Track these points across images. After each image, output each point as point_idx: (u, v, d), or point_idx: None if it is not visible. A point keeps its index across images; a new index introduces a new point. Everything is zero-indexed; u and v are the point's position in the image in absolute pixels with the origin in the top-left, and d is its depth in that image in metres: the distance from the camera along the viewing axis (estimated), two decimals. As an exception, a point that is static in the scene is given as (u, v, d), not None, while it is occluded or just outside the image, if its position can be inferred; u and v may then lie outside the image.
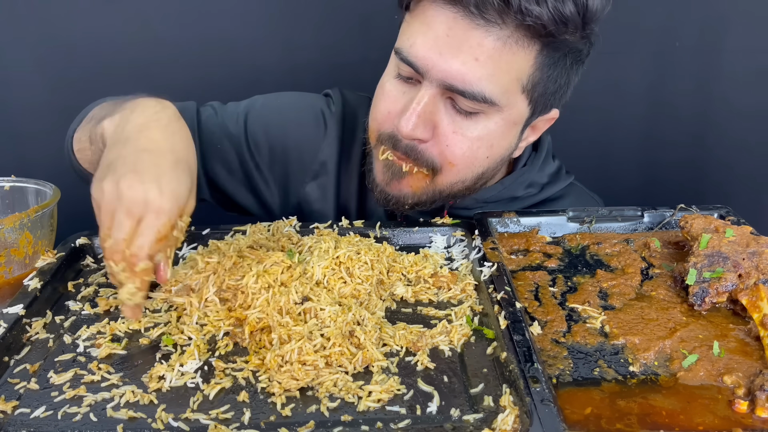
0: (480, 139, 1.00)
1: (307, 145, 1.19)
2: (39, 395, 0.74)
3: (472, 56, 0.93)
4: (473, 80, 0.93)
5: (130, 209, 0.78)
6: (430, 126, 0.98)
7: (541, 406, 0.68)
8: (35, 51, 1.50)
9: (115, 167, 0.80)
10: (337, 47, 1.58)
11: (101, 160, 0.85)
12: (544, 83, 0.99)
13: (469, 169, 1.03)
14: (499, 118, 0.99)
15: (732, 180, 1.73)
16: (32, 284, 0.90)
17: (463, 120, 0.98)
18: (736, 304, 0.86)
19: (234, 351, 0.81)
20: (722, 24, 1.59)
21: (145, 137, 0.83)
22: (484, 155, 1.02)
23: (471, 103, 0.96)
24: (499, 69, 0.94)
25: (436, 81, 0.95)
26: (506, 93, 0.97)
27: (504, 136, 1.02)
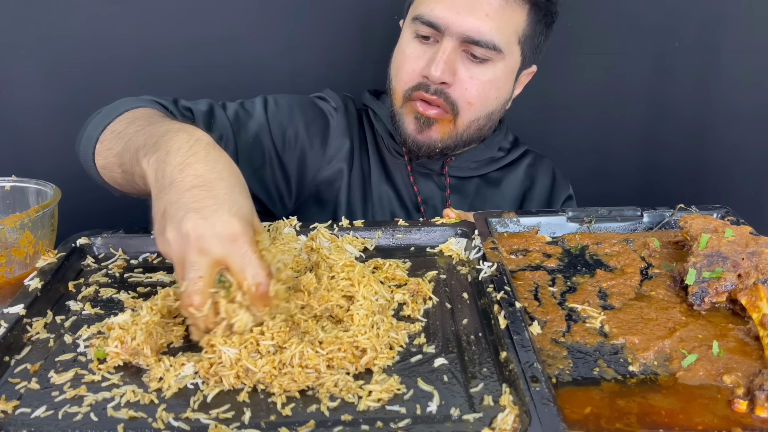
0: (490, 82, 1.22)
1: (320, 138, 1.33)
2: (39, 395, 0.74)
3: (484, 12, 1.17)
4: (486, 31, 1.18)
5: (202, 248, 0.76)
6: (452, 72, 1.20)
7: (540, 405, 0.68)
8: (35, 51, 1.50)
9: (171, 215, 0.78)
10: (337, 47, 1.58)
11: (154, 210, 0.82)
12: (532, 37, 1.25)
13: (483, 107, 1.25)
14: (502, 65, 1.23)
15: (731, 180, 1.73)
16: (33, 284, 0.90)
17: (476, 67, 1.21)
18: (736, 304, 0.86)
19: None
20: (722, 24, 1.60)
21: (189, 175, 0.81)
22: (493, 96, 1.25)
23: (483, 50, 1.19)
24: (504, 22, 1.19)
25: (456, 34, 1.18)
26: (508, 43, 1.21)
27: (506, 80, 1.26)
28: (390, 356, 0.79)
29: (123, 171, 0.99)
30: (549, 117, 1.66)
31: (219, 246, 0.76)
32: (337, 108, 1.35)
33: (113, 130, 1.04)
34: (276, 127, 1.29)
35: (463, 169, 1.37)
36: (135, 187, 0.98)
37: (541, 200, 1.41)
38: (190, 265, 0.76)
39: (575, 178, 1.48)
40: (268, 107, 1.31)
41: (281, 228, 1.03)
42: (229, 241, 0.77)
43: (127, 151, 0.96)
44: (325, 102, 1.37)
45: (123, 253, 1.03)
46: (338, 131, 1.33)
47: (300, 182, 1.32)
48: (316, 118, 1.34)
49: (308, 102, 1.36)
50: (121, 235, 1.04)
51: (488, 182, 1.40)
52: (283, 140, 1.30)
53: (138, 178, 0.92)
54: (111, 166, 1.04)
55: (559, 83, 1.61)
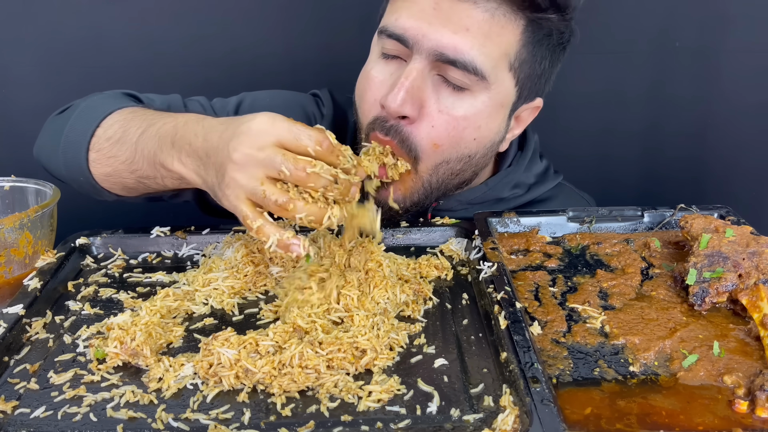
0: (466, 118, 0.98)
1: None
2: (39, 395, 0.74)
3: (463, 26, 0.93)
4: (465, 49, 0.93)
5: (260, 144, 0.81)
6: (417, 103, 0.96)
7: (541, 406, 0.68)
8: (35, 51, 1.50)
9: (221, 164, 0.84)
10: (337, 47, 1.57)
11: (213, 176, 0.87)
12: (530, 64, 0.99)
13: (454, 149, 1.00)
14: (486, 97, 0.98)
15: (732, 180, 1.73)
16: (32, 284, 0.90)
17: (450, 96, 0.97)
18: (736, 304, 0.86)
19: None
20: (722, 24, 1.59)
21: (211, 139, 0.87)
22: (471, 136, 1.00)
23: (461, 75, 0.95)
24: (489, 40, 0.94)
25: (426, 51, 0.94)
26: (495, 68, 0.96)
27: (491, 117, 1.00)
28: (390, 357, 0.79)
29: (138, 176, 0.99)
30: (549, 117, 1.65)
31: (266, 135, 0.81)
32: (324, 115, 1.20)
33: (108, 137, 1.00)
34: None
35: (456, 211, 1.13)
36: (154, 188, 1.00)
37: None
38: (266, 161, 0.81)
39: (575, 178, 1.47)
40: (240, 109, 1.20)
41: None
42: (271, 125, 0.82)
43: (141, 158, 0.96)
44: (317, 105, 1.22)
45: (122, 253, 1.03)
46: None
47: None
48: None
49: (294, 105, 1.22)
50: (120, 235, 1.04)
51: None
52: None
53: (169, 180, 0.96)
54: (119, 173, 1.01)
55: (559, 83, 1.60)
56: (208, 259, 1.00)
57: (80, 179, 1.04)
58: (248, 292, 0.93)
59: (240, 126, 0.83)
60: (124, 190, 1.04)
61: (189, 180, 0.92)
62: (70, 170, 1.04)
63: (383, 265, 0.92)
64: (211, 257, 0.99)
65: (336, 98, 1.23)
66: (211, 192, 0.90)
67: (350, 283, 0.88)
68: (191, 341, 0.83)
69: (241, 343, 0.77)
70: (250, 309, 0.90)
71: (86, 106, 1.06)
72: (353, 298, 0.85)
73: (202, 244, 1.04)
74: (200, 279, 0.93)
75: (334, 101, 1.22)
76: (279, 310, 0.88)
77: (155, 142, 0.94)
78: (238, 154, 0.82)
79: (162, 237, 1.04)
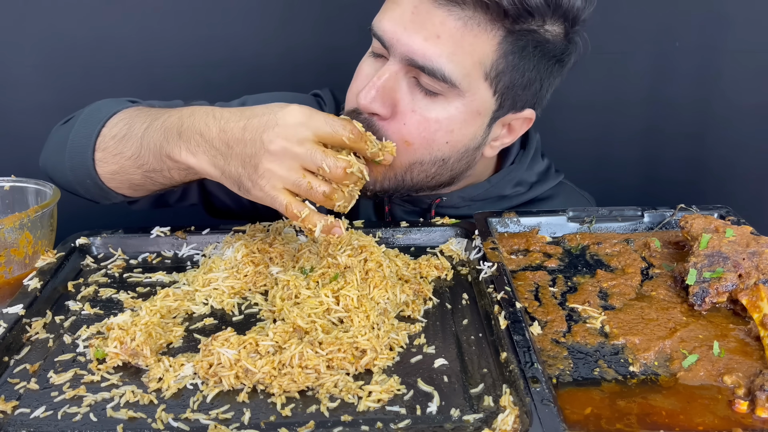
0: (438, 121, 0.99)
1: None
2: (39, 395, 0.74)
3: (434, 33, 0.94)
4: (433, 56, 0.94)
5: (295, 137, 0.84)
6: (389, 103, 0.98)
7: (541, 406, 0.68)
8: (35, 51, 1.50)
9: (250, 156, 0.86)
10: (337, 47, 1.57)
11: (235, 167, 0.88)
12: (510, 74, 0.99)
13: (426, 150, 1.01)
14: (460, 104, 0.99)
15: (732, 180, 1.73)
16: (32, 284, 0.90)
17: (423, 99, 0.98)
18: (736, 304, 0.86)
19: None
20: (722, 24, 1.59)
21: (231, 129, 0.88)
22: (443, 139, 1.01)
23: (432, 81, 0.96)
24: (461, 49, 0.95)
25: (400, 55, 0.97)
26: (467, 76, 0.96)
27: (466, 123, 1.01)
28: (390, 357, 0.79)
29: (145, 171, 0.98)
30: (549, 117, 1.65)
31: (304, 129, 0.85)
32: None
33: (113, 135, 1.01)
34: None
35: (459, 208, 1.15)
36: (161, 182, 1.00)
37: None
38: (310, 156, 0.85)
39: (575, 178, 1.47)
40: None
41: (281, 228, 1.03)
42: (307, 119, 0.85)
43: (147, 152, 0.96)
44: (318, 105, 1.23)
45: (122, 253, 1.03)
46: None
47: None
48: None
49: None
50: (120, 235, 1.04)
51: None
52: None
53: (176, 171, 0.96)
54: (126, 170, 1.00)
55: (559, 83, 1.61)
56: (208, 259, 1.00)
57: (87, 182, 1.03)
58: (248, 292, 0.93)
59: (272, 116, 0.86)
60: (131, 189, 1.04)
61: (199, 170, 0.92)
62: (76, 174, 1.04)
63: (383, 265, 0.92)
64: (211, 257, 0.99)
65: (337, 97, 1.24)
66: (230, 182, 0.90)
67: (350, 284, 0.88)
68: (191, 341, 0.83)
69: (241, 343, 0.77)
70: (250, 309, 0.90)
71: (89, 110, 1.07)
72: (353, 298, 0.85)
73: (202, 244, 1.04)
74: (200, 279, 0.93)
75: (336, 102, 1.23)
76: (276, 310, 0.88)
77: (161, 135, 0.94)
78: (275, 146, 0.84)
79: (162, 237, 1.04)
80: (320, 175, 0.87)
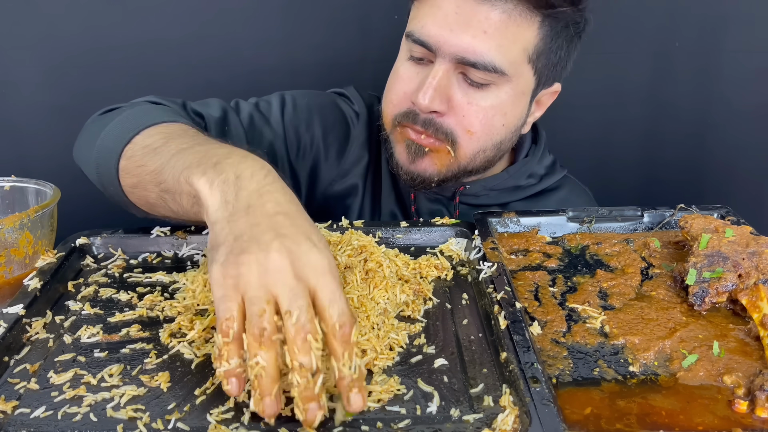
0: (493, 107, 1.07)
1: (337, 150, 1.23)
2: (39, 395, 0.74)
3: (481, 29, 1.01)
4: (483, 51, 1.01)
5: (298, 273, 0.67)
6: (445, 99, 1.05)
7: (541, 406, 0.68)
8: (35, 51, 1.50)
9: (255, 237, 0.68)
10: (337, 47, 1.58)
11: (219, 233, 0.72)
12: (547, 54, 1.07)
13: (488, 136, 1.09)
14: (508, 88, 1.06)
15: (732, 180, 1.73)
16: (32, 284, 0.90)
17: (476, 92, 1.05)
18: (736, 304, 0.86)
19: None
20: (722, 24, 1.60)
21: (270, 202, 0.73)
22: (500, 123, 1.09)
23: (482, 74, 1.03)
24: (506, 40, 1.02)
25: (449, 56, 1.02)
26: (514, 63, 1.04)
27: (515, 104, 1.09)
28: (390, 357, 0.79)
29: (161, 190, 0.87)
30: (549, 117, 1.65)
31: (313, 275, 0.68)
32: (359, 114, 1.24)
33: (145, 146, 0.91)
34: (292, 133, 1.19)
35: (479, 196, 1.21)
36: (172, 208, 0.87)
37: None
38: (291, 291, 0.66)
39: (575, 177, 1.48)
40: (285, 110, 1.20)
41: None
42: (322, 272, 0.68)
43: (170, 169, 0.83)
44: (349, 104, 1.25)
45: (122, 253, 1.03)
46: (358, 142, 1.22)
47: (309, 194, 1.22)
48: (336, 125, 1.22)
49: (330, 104, 1.24)
50: (120, 235, 1.04)
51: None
52: (298, 148, 1.19)
53: (185, 198, 0.81)
54: (144, 185, 0.90)
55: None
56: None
57: (111, 189, 0.97)
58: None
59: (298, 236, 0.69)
60: (148, 206, 0.94)
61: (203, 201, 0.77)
62: (102, 177, 0.98)
63: (383, 265, 0.92)
64: None
65: (365, 98, 1.28)
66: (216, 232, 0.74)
67: (350, 284, 0.88)
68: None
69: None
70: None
71: (131, 113, 0.99)
72: (353, 298, 0.85)
73: (203, 244, 1.04)
74: (200, 279, 0.93)
75: (363, 99, 1.27)
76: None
77: (198, 158, 0.81)
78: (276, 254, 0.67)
79: (162, 237, 1.04)
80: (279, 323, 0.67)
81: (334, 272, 0.69)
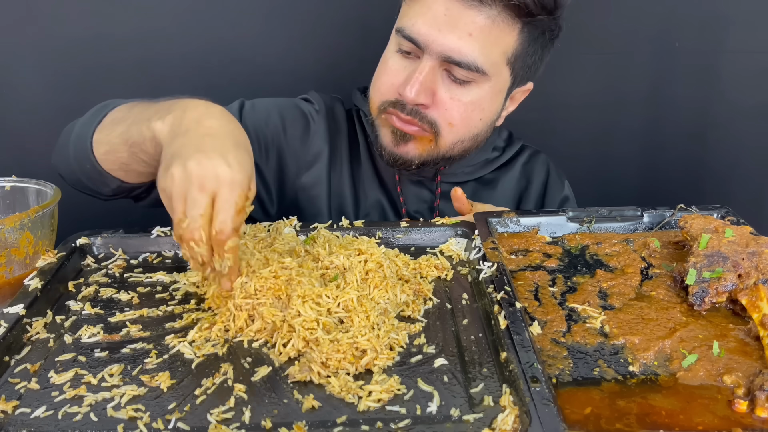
0: (473, 103, 1.15)
1: (299, 140, 1.29)
2: (39, 395, 0.74)
3: (467, 32, 1.08)
4: (467, 52, 1.09)
5: (203, 185, 0.80)
6: (430, 93, 1.12)
7: (540, 405, 0.68)
8: (35, 51, 1.50)
9: (179, 154, 0.83)
10: (337, 47, 1.58)
11: (163, 155, 0.87)
12: (523, 57, 1.16)
13: (467, 129, 1.17)
14: (487, 86, 1.14)
15: (732, 180, 1.73)
16: (33, 284, 0.90)
17: (458, 88, 1.13)
18: (736, 304, 0.86)
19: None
20: (722, 24, 1.60)
21: (203, 126, 0.87)
22: (477, 117, 1.17)
23: (465, 72, 1.11)
24: (489, 42, 1.10)
25: (436, 54, 1.09)
26: (495, 64, 1.12)
27: (492, 101, 1.18)
28: (390, 357, 0.79)
29: (129, 146, 0.98)
30: (549, 117, 1.66)
31: (215, 183, 0.80)
32: (319, 110, 1.30)
33: (113, 119, 1.03)
34: (252, 132, 1.22)
35: (457, 174, 1.31)
36: (142, 158, 0.98)
37: (535, 200, 1.37)
38: (192, 201, 0.80)
39: (575, 178, 1.48)
40: (243, 112, 1.27)
41: (281, 228, 1.03)
42: (221, 184, 0.80)
43: (135, 126, 0.96)
44: (309, 104, 1.32)
45: (123, 253, 1.03)
46: (318, 135, 1.28)
47: (280, 188, 1.28)
48: (296, 121, 1.29)
49: (288, 104, 1.31)
50: (120, 235, 1.04)
51: (484, 184, 1.34)
52: (259, 145, 1.25)
53: (148, 143, 0.94)
54: (116, 148, 1.01)
55: (559, 83, 1.61)
56: None
57: (87, 166, 1.05)
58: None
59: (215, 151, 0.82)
60: (122, 169, 1.03)
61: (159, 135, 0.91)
62: (79, 160, 1.05)
63: (384, 265, 0.92)
64: None
65: (324, 97, 1.34)
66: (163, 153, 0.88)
67: (350, 284, 0.88)
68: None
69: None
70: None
71: (98, 106, 1.09)
72: (353, 298, 0.85)
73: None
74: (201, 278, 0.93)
75: (323, 99, 1.33)
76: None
77: (156, 109, 0.95)
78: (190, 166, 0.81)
79: (162, 237, 1.04)
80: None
81: (234, 184, 0.81)
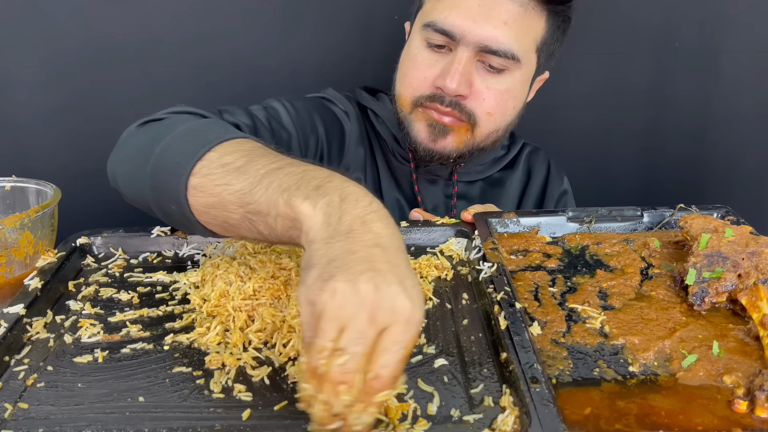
0: (508, 91, 1.19)
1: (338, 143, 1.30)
2: (39, 395, 0.74)
3: (502, 20, 1.13)
4: (504, 40, 1.13)
5: (375, 316, 0.63)
6: (468, 83, 1.15)
7: (540, 406, 0.68)
8: (36, 51, 1.50)
9: (346, 265, 0.65)
10: (337, 48, 1.58)
11: (314, 254, 0.68)
12: (548, 45, 1.21)
13: (503, 117, 1.22)
14: (519, 74, 1.19)
15: (732, 180, 1.73)
16: (33, 284, 0.90)
17: (492, 77, 1.17)
18: (736, 304, 0.86)
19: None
20: (722, 24, 1.60)
21: (372, 231, 0.70)
22: (511, 105, 1.21)
23: (501, 60, 1.15)
24: (522, 30, 1.15)
25: (472, 44, 1.13)
26: (527, 52, 1.17)
27: (522, 88, 1.22)
28: (390, 356, 0.79)
29: (247, 211, 0.80)
30: (549, 117, 1.66)
31: (390, 318, 0.64)
32: (348, 113, 1.31)
33: (224, 164, 0.84)
34: (302, 136, 1.23)
35: (470, 173, 1.33)
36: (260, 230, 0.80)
37: (536, 196, 1.38)
38: (358, 334, 0.63)
39: (575, 178, 1.48)
40: (290, 113, 1.24)
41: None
42: (401, 319, 0.64)
43: (263, 190, 0.78)
44: (334, 105, 1.31)
45: (123, 253, 1.03)
46: (353, 138, 1.29)
47: None
48: (333, 124, 1.29)
49: (322, 106, 1.30)
50: (121, 235, 1.04)
51: (492, 184, 1.36)
52: (307, 149, 1.24)
53: (281, 221, 0.77)
54: (225, 205, 0.82)
55: (559, 83, 1.61)
56: (208, 258, 1.00)
57: (171, 208, 0.87)
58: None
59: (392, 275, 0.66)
60: (223, 228, 0.86)
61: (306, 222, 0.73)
62: (160, 196, 0.88)
63: None
64: (211, 257, 0.99)
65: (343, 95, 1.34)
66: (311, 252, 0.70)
67: None
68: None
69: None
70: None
71: (191, 126, 0.91)
72: None
73: (203, 244, 1.04)
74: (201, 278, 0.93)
75: (346, 98, 1.33)
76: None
77: (295, 180, 0.77)
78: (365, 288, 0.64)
79: (163, 237, 1.04)
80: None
81: (410, 324, 0.65)
